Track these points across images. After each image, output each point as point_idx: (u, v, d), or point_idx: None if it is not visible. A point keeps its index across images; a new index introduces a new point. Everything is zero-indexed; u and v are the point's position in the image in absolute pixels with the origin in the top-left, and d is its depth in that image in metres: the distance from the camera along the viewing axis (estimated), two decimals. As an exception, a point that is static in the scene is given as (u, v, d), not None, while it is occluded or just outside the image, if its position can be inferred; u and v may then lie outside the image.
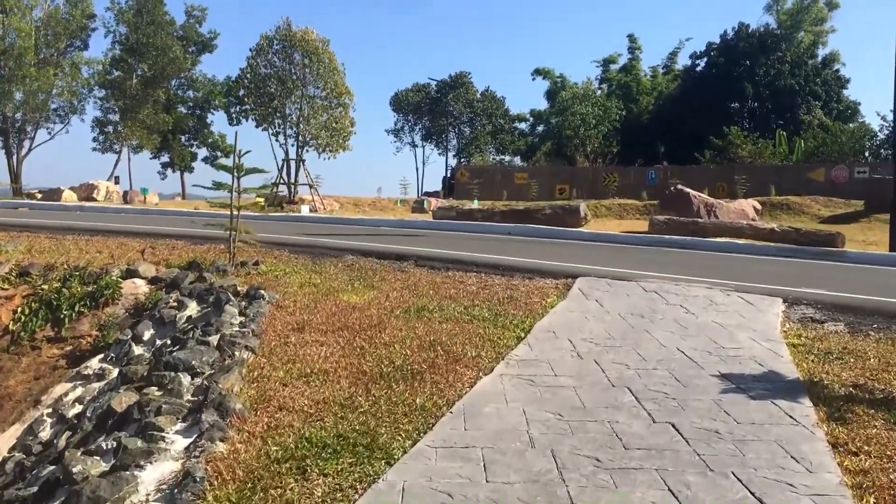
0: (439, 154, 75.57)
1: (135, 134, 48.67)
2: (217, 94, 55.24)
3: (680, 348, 6.12)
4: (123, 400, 5.30)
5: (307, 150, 31.95)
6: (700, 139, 47.49)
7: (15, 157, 47.55)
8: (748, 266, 12.11)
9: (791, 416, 4.49)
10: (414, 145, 72.83)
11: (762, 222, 16.34)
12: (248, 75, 31.51)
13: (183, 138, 59.72)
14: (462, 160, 66.98)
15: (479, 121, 68.34)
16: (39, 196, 41.89)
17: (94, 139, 50.94)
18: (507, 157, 70.53)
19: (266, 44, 31.20)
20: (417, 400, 4.82)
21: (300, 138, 31.42)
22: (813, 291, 8.91)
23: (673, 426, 4.32)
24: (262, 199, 34.29)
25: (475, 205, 30.38)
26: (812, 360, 5.99)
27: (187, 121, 58.05)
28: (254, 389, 5.07)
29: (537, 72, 65.30)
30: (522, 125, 71.81)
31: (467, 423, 4.39)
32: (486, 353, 6.04)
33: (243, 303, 8.09)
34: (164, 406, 4.69)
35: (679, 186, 21.25)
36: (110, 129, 50.59)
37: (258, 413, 4.61)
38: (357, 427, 4.36)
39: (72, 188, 41.66)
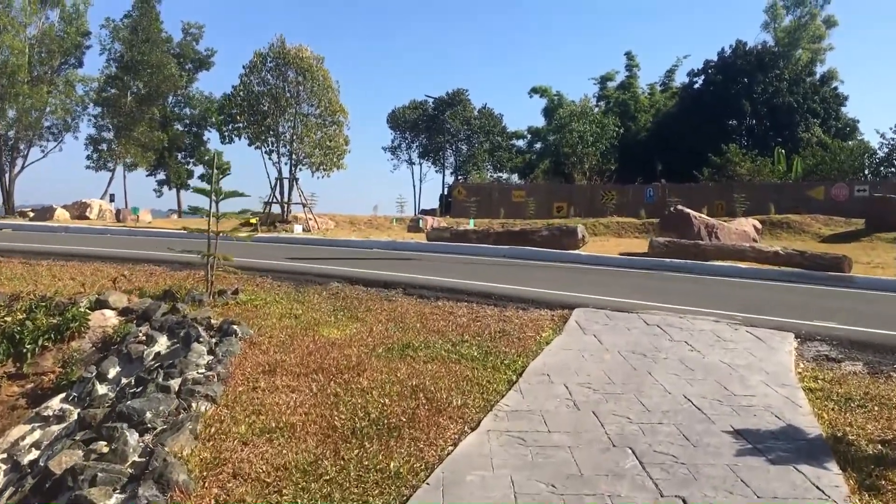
0: (436, 171, 75.06)
1: (129, 152, 48.19)
2: (213, 111, 54.85)
3: (687, 396, 5.55)
4: (63, 460, 4.72)
5: (300, 169, 31.43)
6: (698, 157, 47.08)
7: (7, 176, 47.01)
8: (754, 294, 11.55)
9: (818, 488, 3.91)
10: (411, 163, 72.51)
11: (765, 245, 15.79)
12: (242, 93, 31.04)
13: (179, 156, 59.23)
14: (459, 178, 66.57)
15: (476, 138, 68.02)
16: (32, 214, 41.37)
17: (88, 157, 50.47)
18: (505, 175, 70.15)
19: (259, 61, 30.76)
20: (392, 464, 4.24)
21: (293, 157, 30.89)
22: (825, 325, 8.35)
23: (684, 502, 3.74)
24: (255, 219, 33.82)
25: (471, 225, 29.90)
26: (832, 409, 5.43)
27: (183, 138, 57.59)
28: (208, 450, 4.49)
29: (534, 90, 65.04)
30: (520, 142, 71.49)
31: (446, 497, 3.81)
32: (474, 402, 5.47)
33: (214, 339, 7.52)
34: (99, 475, 4.10)
35: (679, 207, 20.73)
36: (104, 146, 50.12)
37: (207, 483, 4.03)
38: (319, 502, 3.78)
39: (65, 206, 41.14)
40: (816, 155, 44.75)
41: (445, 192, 56.15)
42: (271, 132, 30.88)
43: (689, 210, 20.07)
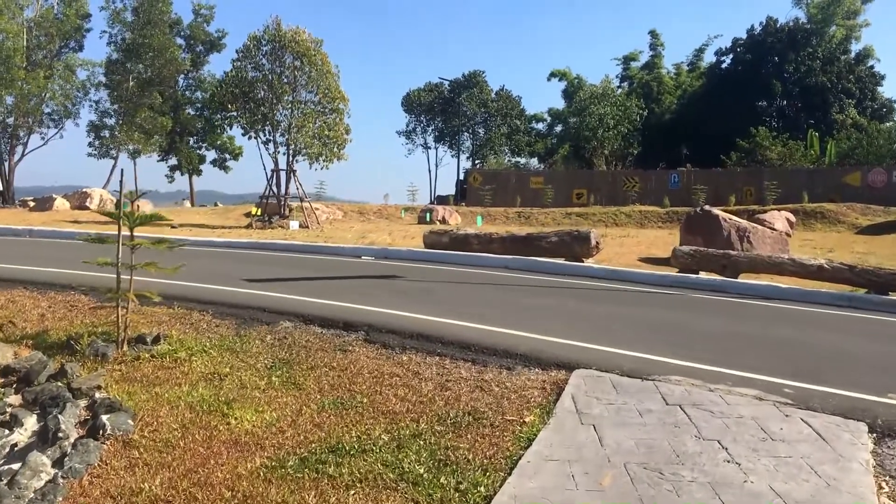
0: (452, 156, 72.76)
1: (131, 138, 46.58)
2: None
3: (725, 588, 3.54)
4: None
5: (298, 161, 29.49)
6: (726, 140, 44.61)
7: (7, 164, 45.60)
8: (802, 338, 9.41)
9: None
10: (426, 147, 70.23)
11: (808, 257, 13.65)
12: (234, 79, 29.05)
13: (191, 140, 57.69)
14: (476, 162, 64.37)
15: (493, 121, 65.55)
16: (32, 204, 40.00)
17: (90, 144, 48.91)
18: (523, 160, 67.83)
19: (254, 45, 28.77)
20: None
21: (291, 147, 28.93)
22: (906, 403, 6.27)
23: None
24: (258, 211, 31.95)
25: (479, 223, 28.01)
26: None
27: (195, 122, 55.93)
28: None
29: (553, 74, 62.56)
30: (540, 125, 68.98)
31: None
32: None
33: (80, 432, 5.63)
34: None
35: (706, 207, 18.49)
36: (106, 133, 48.53)
37: None
38: None
39: (65, 196, 39.68)
40: (852, 138, 42.29)
41: (461, 179, 54.10)
42: (267, 121, 28.92)
43: (717, 211, 17.85)
